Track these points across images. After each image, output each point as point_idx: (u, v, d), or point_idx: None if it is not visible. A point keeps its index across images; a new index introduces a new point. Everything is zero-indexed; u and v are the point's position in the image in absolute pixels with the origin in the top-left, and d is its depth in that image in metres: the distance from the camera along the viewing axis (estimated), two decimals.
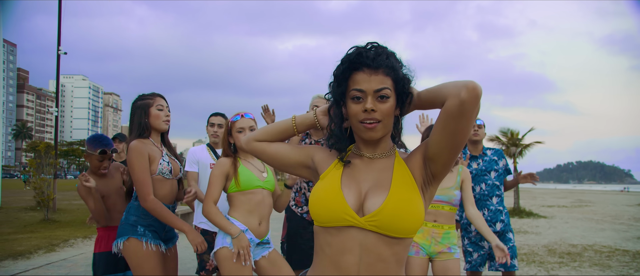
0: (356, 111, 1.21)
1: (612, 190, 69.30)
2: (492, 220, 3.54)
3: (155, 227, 2.43)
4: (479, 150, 3.68)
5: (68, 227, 8.46)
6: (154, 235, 2.41)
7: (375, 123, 1.20)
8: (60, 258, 5.89)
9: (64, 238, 6.99)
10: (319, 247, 1.26)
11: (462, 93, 1.07)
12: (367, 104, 1.19)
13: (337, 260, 1.20)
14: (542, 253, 7.62)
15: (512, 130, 15.71)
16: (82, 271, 5.13)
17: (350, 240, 1.19)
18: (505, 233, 3.58)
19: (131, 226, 2.36)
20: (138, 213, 2.40)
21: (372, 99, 1.19)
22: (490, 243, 2.66)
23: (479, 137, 3.65)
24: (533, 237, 9.89)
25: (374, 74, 1.19)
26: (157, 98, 2.57)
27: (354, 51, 1.23)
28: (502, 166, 3.66)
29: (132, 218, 2.39)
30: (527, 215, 15.14)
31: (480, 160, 3.65)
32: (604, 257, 7.23)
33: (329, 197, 1.22)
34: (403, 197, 1.19)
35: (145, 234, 2.36)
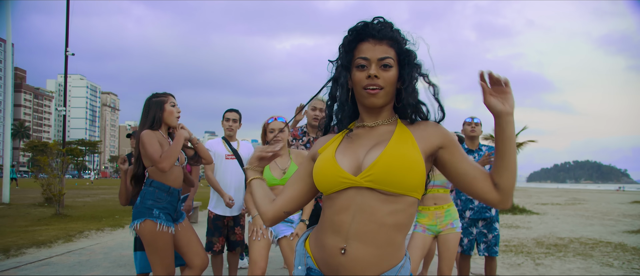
0: (360, 78, 1.26)
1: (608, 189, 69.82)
2: (484, 208, 3.92)
3: (168, 209, 2.75)
4: (476, 146, 4.07)
5: (80, 220, 8.85)
6: (167, 217, 2.72)
7: (378, 89, 1.25)
8: (78, 247, 6.29)
9: (79, 230, 7.39)
10: (322, 213, 1.30)
11: (501, 203, 1.22)
12: (371, 71, 1.24)
13: (333, 219, 1.24)
14: (531, 245, 8.03)
15: None
16: (101, 258, 5.53)
17: (346, 200, 1.22)
18: (492, 222, 3.97)
19: (148, 209, 2.66)
20: (153, 197, 2.70)
21: (376, 67, 1.25)
22: None
23: (476, 133, 4.04)
24: (524, 231, 10.30)
25: (379, 44, 1.26)
26: (170, 98, 2.93)
27: (361, 23, 1.28)
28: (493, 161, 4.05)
29: (148, 202, 2.69)
30: (520, 212, 15.49)
31: (475, 154, 4.03)
32: (588, 248, 7.65)
33: (324, 166, 1.26)
34: (400, 152, 1.20)
35: (159, 216, 2.67)
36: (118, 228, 8.29)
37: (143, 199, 2.67)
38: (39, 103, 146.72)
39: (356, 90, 1.29)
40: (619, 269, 5.96)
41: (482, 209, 3.94)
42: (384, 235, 1.19)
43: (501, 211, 15.25)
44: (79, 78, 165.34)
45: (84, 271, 4.84)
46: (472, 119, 4.08)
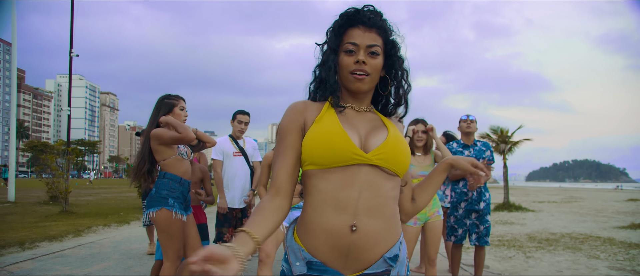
0: (348, 62, 1.27)
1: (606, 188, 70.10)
2: (477, 200, 4.16)
3: (180, 199, 3.00)
4: (471, 141, 4.33)
5: (86, 217, 9.12)
6: (180, 206, 2.98)
7: (365, 75, 1.27)
8: (88, 241, 6.56)
9: (87, 226, 7.66)
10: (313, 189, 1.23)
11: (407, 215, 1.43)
12: (359, 56, 1.26)
13: (337, 196, 1.20)
14: (523, 240, 8.31)
15: (501, 128, 16.36)
16: (110, 251, 5.80)
17: (351, 176, 1.20)
18: (484, 214, 4.24)
19: (163, 199, 2.91)
20: (168, 188, 2.95)
21: (364, 53, 1.27)
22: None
23: (471, 129, 4.30)
24: (518, 227, 10.57)
25: (368, 31, 1.28)
26: (181, 101, 3.20)
27: (352, 9, 1.30)
28: (487, 156, 4.33)
29: (163, 192, 2.93)
30: (516, 209, 15.72)
31: (471, 149, 4.29)
32: (578, 243, 7.93)
33: (333, 138, 1.22)
34: (400, 138, 1.29)
35: (174, 205, 2.93)
36: (123, 224, 8.56)
37: (158, 190, 2.93)
38: (38, 104, 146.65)
39: (343, 74, 1.30)
40: (604, 261, 6.23)
41: (474, 201, 4.19)
42: (390, 208, 1.23)
43: (497, 208, 15.56)
44: (78, 78, 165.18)
45: (96, 262, 5.11)
46: (467, 116, 4.35)
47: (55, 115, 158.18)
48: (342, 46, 1.29)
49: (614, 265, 5.99)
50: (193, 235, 3.16)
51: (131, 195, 17.71)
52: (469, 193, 4.19)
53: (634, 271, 5.56)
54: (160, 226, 2.87)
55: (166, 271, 2.91)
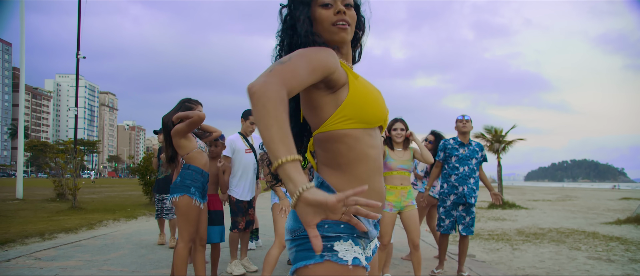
0: (328, 15, 1.25)
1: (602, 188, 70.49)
2: (469, 195, 4.54)
3: (201, 189, 3.44)
4: (467, 140, 4.67)
5: (95, 212, 9.54)
6: (199, 194, 3.41)
7: (347, 25, 1.26)
8: (101, 233, 6.98)
9: (98, 220, 8.07)
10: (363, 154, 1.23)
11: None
12: (339, 6, 1.25)
13: (367, 153, 1.23)
14: (512, 234, 8.72)
15: (495, 128, 16.82)
16: (123, 242, 6.22)
17: (378, 137, 1.30)
18: (471, 206, 4.61)
19: (186, 187, 3.34)
20: (191, 178, 3.37)
21: (340, 3, 1.26)
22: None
23: (466, 129, 4.65)
24: (509, 223, 10.98)
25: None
26: (199, 106, 3.62)
27: None
28: (480, 156, 4.70)
29: (187, 181, 3.36)
30: (509, 207, 16.11)
31: (466, 148, 4.64)
32: (563, 236, 8.36)
33: (378, 97, 1.28)
34: None
35: (195, 194, 3.37)
36: (131, 218, 8.98)
37: (183, 179, 3.36)
38: (37, 103, 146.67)
39: (323, 27, 1.26)
40: (584, 252, 6.67)
41: (462, 196, 4.60)
42: None
43: (490, 206, 15.98)
44: None
45: (112, 251, 5.53)
46: (463, 116, 4.72)
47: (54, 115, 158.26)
48: (316, 1, 1.27)
49: (593, 255, 6.42)
50: (203, 220, 3.59)
51: (134, 193, 18.09)
52: (459, 187, 4.57)
53: (609, 260, 5.99)
54: (180, 210, 3.30)
55: (180, 251, 3.34)
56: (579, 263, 5.87)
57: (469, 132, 4.71)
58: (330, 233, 1.15)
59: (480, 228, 9.76)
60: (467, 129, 4.65)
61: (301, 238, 1.17)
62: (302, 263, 1.15)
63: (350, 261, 1.14)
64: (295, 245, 1.19)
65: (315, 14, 1.26)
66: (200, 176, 3.42)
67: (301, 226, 1.17)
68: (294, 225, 1.20)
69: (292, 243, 1.21)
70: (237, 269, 4.38)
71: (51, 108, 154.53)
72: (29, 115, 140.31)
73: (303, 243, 1.16)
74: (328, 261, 1.12)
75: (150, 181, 11.76)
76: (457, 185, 4.56)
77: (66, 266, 4.55)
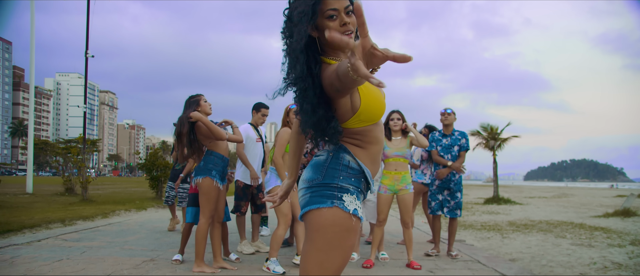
0: (335, 25, 1.43)
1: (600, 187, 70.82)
2: (451, 178, 5.04)
3: (221, 172, 3.90)
4: (449, 131, 5.16)
5: (106, 204, 9.99)
6: (219, 177, 3.88)
7: (351, 32, 1.46)
8: (116, 221, 7.44)
9: (111, 210, 8.53)
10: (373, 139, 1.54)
11: None
12: (343, 18, 1.44)
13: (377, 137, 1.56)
14: (504, 225, 9.17)
15: (491, 125, 17.27)
16: (137, 228, 6.66)
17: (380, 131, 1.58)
18: (455, 191, 5.08)
19: (208, 170, 3.81)
20: (213, 162, 3.84)
21: (343, 14, 1.44)
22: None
23: (448, 121, 5.13)
24: (502, 216, 11.42)
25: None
26: (202, 96, 4.05)
27: None
28: (462, 143, 5.18)
29: (209, 165, 3.84)
30: (505, 202, 16.58)
31: (449, 137, 5.15)
32: (551, 227, 8.80)
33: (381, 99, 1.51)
34: None
35: (216, 176, 3.84)
36: (142, 210, 9.43)
37: (206, 163, 3.82)
38: (38, 102, 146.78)
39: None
40: (569, 240, 7.11)
41: (446, 181, 5.07)
42: None
43: (486, 202, 16.44)
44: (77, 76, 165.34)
45: (129, 235, 5.98)
46: (445, 110, 5.20)
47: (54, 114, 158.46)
48: (324, 13, 1.42)
49: (576, 242, 6.87)
50: (221, 200, 4.04)
51: (138, 190, 18.52)
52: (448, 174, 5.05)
53: (589, 246, 6.44)
54: (203, 190, 3.76)
55: (202, 226, 3.79)
56: (562, 249, 6.31)
57: (452, 124, 5.17)
58: (344, 184, 1.48)
59: (474, 220, 10.21)
60: (448, 121, 5.13)
61: (317, 186, 1.49)
62: (315, 206, 1.46)
63: (352, 211, 1.46)
64: (311, 191, 1.49)
65: (322, 25, 1.44)
66: (221, 161, 3.88)
67: (318, 177, 1.50)
68: (312, 176, 1.51)
69: (307, 190, 1.51)
70: (246, 248, 4.83)
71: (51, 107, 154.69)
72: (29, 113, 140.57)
73: (318, 190, 1.48)
74: (336, 207, 1.45)
75: (157, 176, 12.22)
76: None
77: (91, 246, 5.00)
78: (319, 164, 1.53)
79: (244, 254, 4.79)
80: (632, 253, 5.66)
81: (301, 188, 1.54)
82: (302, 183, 1.55)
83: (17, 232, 5.68)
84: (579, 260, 5.46)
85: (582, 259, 5.47)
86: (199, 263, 3.84)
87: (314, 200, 1.47)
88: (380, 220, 4.39)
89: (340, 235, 1.46)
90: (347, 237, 1.48)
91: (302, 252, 1.54)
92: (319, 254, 1.46)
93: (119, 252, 4.70)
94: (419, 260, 4.68)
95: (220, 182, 3.88)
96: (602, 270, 4.86)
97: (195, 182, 3.84)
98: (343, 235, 1.47)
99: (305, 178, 1.54)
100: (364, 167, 1.54)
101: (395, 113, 4.54)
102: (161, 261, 4.28)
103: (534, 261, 5.53)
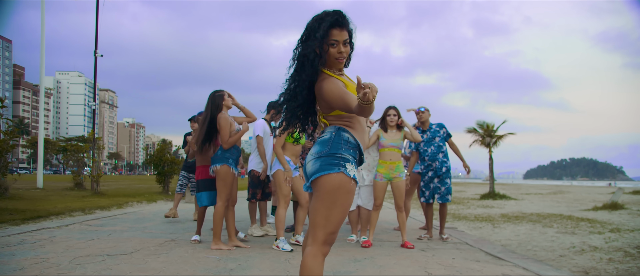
0: (334, 52, 2.01)
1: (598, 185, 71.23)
2: (440, 167, 5.55)
3: (235, 161, 4.41)
4: (426, 127, 5.72)
5: (117, 197, 10.49)
6: (234, 164, 4.38)
7: (343, 59, 2.05)
8: (130, 211, 7.93)
9: (124, 201, 9.02)
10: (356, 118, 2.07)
11: None
12: (341, 48, 2.01)
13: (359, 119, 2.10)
14: (496, 217, 9.65)
15: (487, 123, 17.73)
16: (151, 217, 7.15)
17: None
18: (444, 178, 5.59)
19: (226, 158, 4.31)
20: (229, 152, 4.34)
21: (341, 45, 2.01)
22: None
23: (422, 119, 5.68)
24: (496, 210, 11.89)
25: (343, 31, 2.01)
26: (226, 91, 4.54)
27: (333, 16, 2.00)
28: (442, 133, 5.69)
29: (226, 154, 4.34)
30: (500, 198, 17.04)
31: (428, 132, 5.68)
32: (541, 218, 9.28)
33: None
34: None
35: (232, 164, 4.35)
36: (152, 202, 9.93)
37: (223, 152, 4.31)
38: (37, 101, 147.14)
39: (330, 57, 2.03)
40: (555, 229, 7.60)
41: (438, 169, 5.57)
42: None
43: (482, 197, 16.93)
44: (77, 75, 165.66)
45: (146, 222, 6.47)
46: (419, 109, 5.73)
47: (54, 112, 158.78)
48: (328, 40, 2.00)
49: (561, 231, 7.35)
50: (235, 185, 4.54)
51: (143, 185, 19.01)
52: (433, 164, 5.59)
53: (572, 233, 6.93)
54: (220, 176, 4.26)
55: (218, 209, 4.29)
56: (547, 236, 6.80)
57: (427, 120, 5.74)
58: (345, 155, 1.97)
59: (469, 213, 10.70)
60: (424, 119, 5.71)
61: (325, 155, 1.96)
62: (326, 172, 1.92)
63: (352, 176, 1.96)
64: (320, 161, 1.95)
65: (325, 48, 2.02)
66: (235, 151, 4.38)
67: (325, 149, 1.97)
68: (320, 149, 1.99)
69: (317, 159, 1.96)
70: (256, 231, 5.32)
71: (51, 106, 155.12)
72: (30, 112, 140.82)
73: (327, 159, 1.95)
74: (341, 172, 1.93)
75: (164, 171, 12.72)
76: (431, 163, 5.59)
77: (115, 230, 5.50)
78: (325, 140, 2.01)
79: (254, 236, 5.28)
80: (609, 239, 6.15)
81: (310, 159, 2.00)
82: (311, 156, 2.03)
83: (45, 218, 6.18)
84: (560, 245, 5.95)
85: (564, 244, 5.96)
86: (216, 242, 4.34)
87: (324, 167, 1.94)
88: (376, 205, 4.89)
89: (343, 195, 1.96)
90: (347, 197, 1.97)
91: (310, 209, 2.02)
92: (326, 210, 1.93)
93: (141, 234, 5.19)
94: (412, 243, 5.17)
95: (235, 168, 4.37)
96: (580, 252, 5.35)
97: (213, 169, 4.33)
98: (345, 195, 1.96)
99: (314, 151, 2.02)
100: (358, 141, 2.03)
101: (392, 109, 5.03)
102: (181, 241, 4.78)
103: (521, 246, 6.01)
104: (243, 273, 3.43)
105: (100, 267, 3.42)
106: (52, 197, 10.05)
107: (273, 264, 3.77)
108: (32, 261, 3.53)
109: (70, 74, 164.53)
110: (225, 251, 4.29)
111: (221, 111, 4.38)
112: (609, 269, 4.38)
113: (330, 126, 2.07)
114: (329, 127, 2.09)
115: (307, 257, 1.93)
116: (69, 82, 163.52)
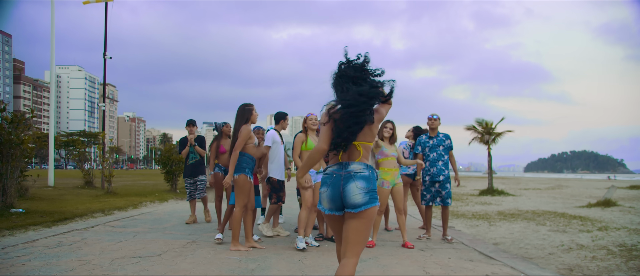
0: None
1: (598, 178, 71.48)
2: (438, 174, 5.97)
3: (251, 170, 4.86)
4: (435, 133, 6.13)
5: (130, 196, 10.92)
6: (250, 173, 4.83)
7: None
8: (146, 211, 8.37)
9: (139, 201, 9.46)
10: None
11: None
12: None
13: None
14: (493, 215, 10.08)
15: (486, 121, 18.10)
16: (167, 218, 7.59)
17: None
18: (444, 183, 6.02)
19: (243, 168, 4.77)
20: (246, 162, 4.79)
21: None
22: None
23: (434, 126, 6.10)
24: (493, 207, 12.30)
25: None
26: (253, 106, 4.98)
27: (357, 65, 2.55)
28: (447, 143, 6.11)
29: (243, 164, 4.79)
30: (498, 194, 17.40)
31: (435, 139, 6.10)
32: (536, 216, 9.71)
33: None
34: None
35: (248, 173, 4.80)
36: (164, 201, 10.37)
37: (240, 163, 4.75)
38: (38, 95, 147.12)
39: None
40: (548, 227, 8.04)
41: (435, 175, 5.99)
42: None
43: (481, 193, 17.35)
44: (77, 69, 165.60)
45: (164, 223, 6.91)
46: (432, 116, 6.13)
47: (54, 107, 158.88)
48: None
49: (553, 228, 7.80)
50: (252, 192, 4.99)
51: (149, 182, 19.43)
52: (431, 169, 6.03)
53: (563, 232, 7.37)
54: (238, 184, 4.70)
55: (237, 214, 4.74)
56: (539, 235, 7.24)
57: (437, 128, 6.17)
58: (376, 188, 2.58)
59: (467, 210, 11.13)
60: (434, 126, 6.13)
61: (371, 191, 2.51)
62: (371, 204, 2.48)
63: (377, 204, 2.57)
64: (369, 195, 2.49)
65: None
66: (251, 161, 4.82)
67: (371, 185, 2.52)
68: (367, 184, 2.51)
69: (366, 193, 2.48)
70: (267, 231, 5.78)
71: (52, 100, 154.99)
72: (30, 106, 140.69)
73: (372, 195, 2.50)
74: (376, 205, 2.54)
75: (173, 170, 13.15)
76: (430, 168, 6.02)
77: (138, 231, 5.94)
78: (369, 177, 2.52)
79: (265, 236, 5.73)
80: (595, 237, 6.59)
81: (359, 192, 2.47)
82: (359, 190, 2.48)
83: (71, 220, 6.62)
84: (551, 243, 6.39)
85: (554, 242, 6.41)
86: (235, 243, 4.79)
87: (371, 201, 2.50)
88: (381, 210, 5.34)
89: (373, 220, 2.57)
90: None
91: (352, 230, 2.49)
92: (366, 232, 2.50)
93: (163, 236, 5.64)
94: (412, 243, 5.62)
95: (251, 176, 4.82)
96: (567, 250, 5.79)
97: (232, 177, 4.77)
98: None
99: (362, 186, 2.49)
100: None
101: (389, 123, 5.48)
102: (202, 243, 5.23)
103: (514, 244, 6.46)
104: (263, 273, 3.87)
105: (137, 268, 3.86)
106: (66, 196, 10.48)
107: (289, 264, 4.22)
108: (77, 263, 3.98)
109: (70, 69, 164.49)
110: (243, 252, 4.73)
111: (247, 124, 4.82)
112: (591, 267, 4.82)
113: (362, 162, 2.55)
114: (359, 162, 2.55)
115: (351, 267, 2.41)
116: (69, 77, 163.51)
